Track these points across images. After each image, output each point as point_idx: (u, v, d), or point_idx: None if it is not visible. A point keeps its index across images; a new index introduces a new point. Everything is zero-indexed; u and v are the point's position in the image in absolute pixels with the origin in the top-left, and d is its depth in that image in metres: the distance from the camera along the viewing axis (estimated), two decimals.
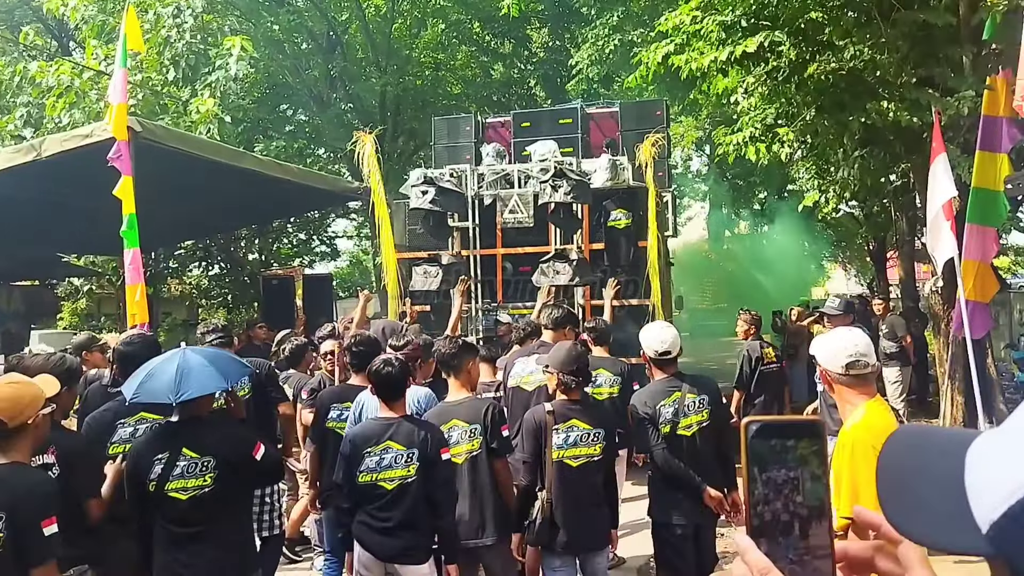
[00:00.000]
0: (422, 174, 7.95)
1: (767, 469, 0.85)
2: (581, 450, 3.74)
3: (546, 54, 19.70)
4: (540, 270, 7.51)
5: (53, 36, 18.31)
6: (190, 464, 3.13)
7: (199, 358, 3.33)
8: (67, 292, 18.87)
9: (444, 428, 3.71)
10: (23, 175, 7.42)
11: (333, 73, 16.99)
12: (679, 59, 7.39)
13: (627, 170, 8.35)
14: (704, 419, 3.91)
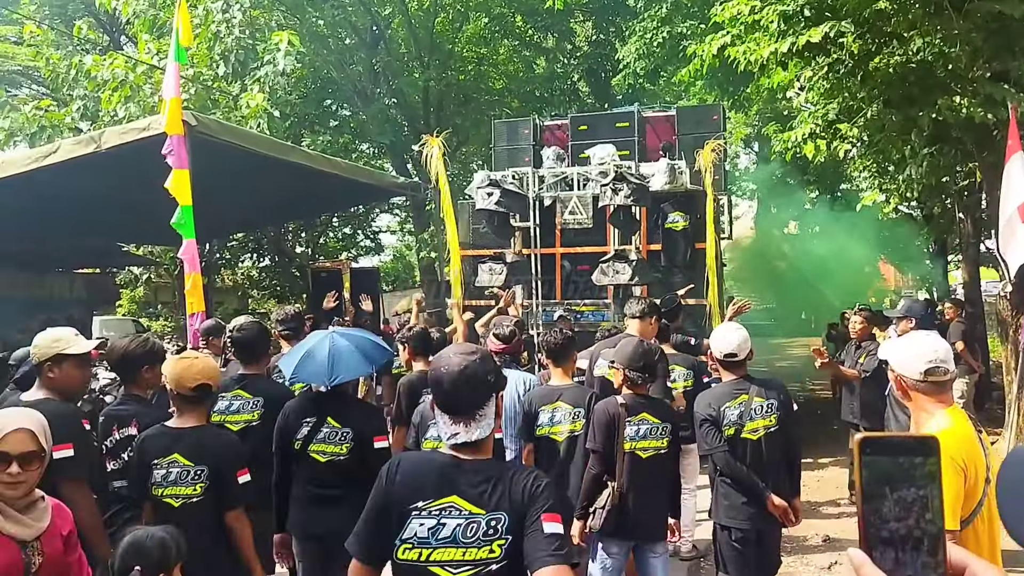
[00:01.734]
0: (486, 176, 8.40)
1: (897, 487, 0.86)
2: (651, 443, 3.83)
3: (590, 48, 19.51)
4: (600, 269, 7.84)
5: (105, 30, 18.65)
6: (331, 432, 3.58)
7: (348, 343, 3.70)
8: (126, 280, 19.36)
9: (549, 408, 4.06)
10: (85, 166, 7.55)
11: (377, 68, 17.05)
12: (736, 51, 7.15)
13: (685, 174, 8.48)
14: (771, 424, 3.87)
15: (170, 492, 3.18)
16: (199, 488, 3.16)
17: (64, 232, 11.98)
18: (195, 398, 3.25)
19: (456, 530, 2.02)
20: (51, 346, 3.40)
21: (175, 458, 3.18)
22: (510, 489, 2.04)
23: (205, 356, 3.46)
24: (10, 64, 19.34)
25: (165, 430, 3.29)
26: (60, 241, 12.80)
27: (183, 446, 3.19)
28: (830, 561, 5.66)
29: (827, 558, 5.71)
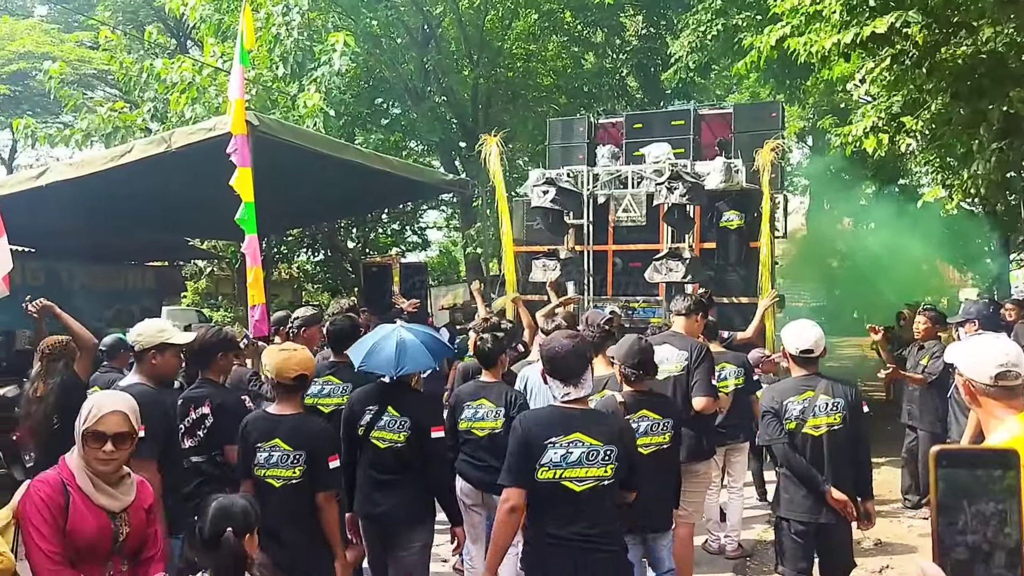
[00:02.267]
0: (542, 174, 8.56)
1: (975, 500, 0.84)
2: (652, 439, 3.89)
3: (640, 43, 19.33)
4: (653, 267, 7.97)
5: (172, 35, 19.39)
6: (391, 420, 3.82)
7: (414, 338, 3.95)
8: (191, 273, 20.17)
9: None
10: (156, 165, 7.88)
11: (427, 66, 17.26)
12: (795, 42, 7.00)
13: (741, 172, 8.44)
14: (836, 423, 3.91)
15: (271, 473, 3.44)
16: (297, 471, 3.42)
17: (136, 227, 12.51)
18: (293, 387, 3.51)
19: (581, 456, 3.00)
20: (156, 335, 3.76)
21: (276, 443, 3.44)
22: (615, 429, 3.14)
23: (303, 349, 3.68)
24: (86, 68, 20.24)
25: (267, 415, 3.58)
26: (133, 236, 13.40)
27: (284, 432, 3.45)
28: (881, 565, 5.61)
29: (878, 562, 5.66)
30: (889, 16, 6.14)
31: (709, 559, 5.78)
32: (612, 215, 9.32)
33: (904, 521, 6.69)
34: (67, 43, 20.64)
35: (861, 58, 7.39)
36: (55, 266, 12.94)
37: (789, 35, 7.14)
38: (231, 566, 2.45)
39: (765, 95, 20.59)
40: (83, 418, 2.63)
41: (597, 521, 3.02)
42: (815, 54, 6.84)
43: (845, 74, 8.42)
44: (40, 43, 19.89)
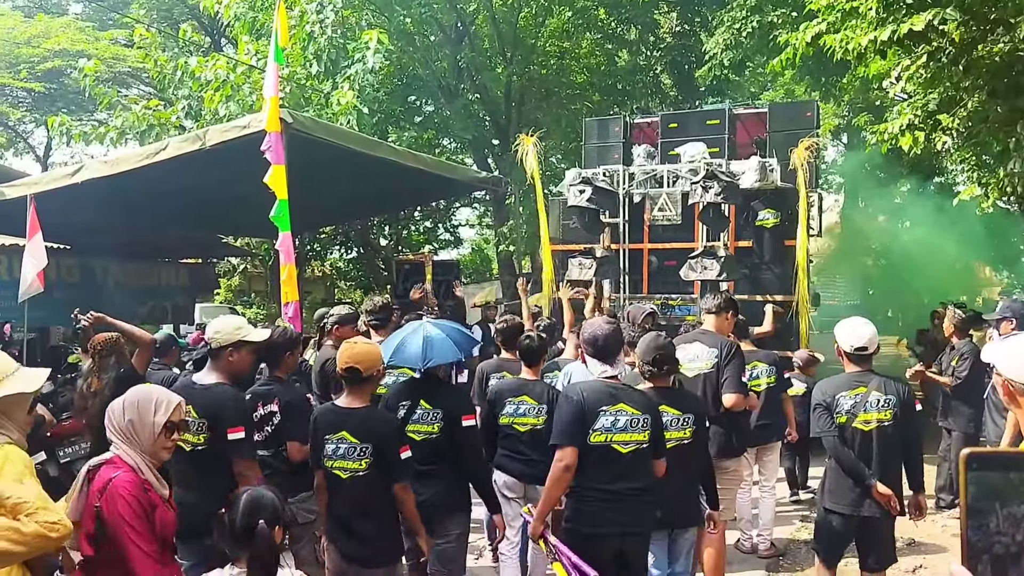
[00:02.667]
0: (578, 174, 8.71)
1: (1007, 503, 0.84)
2: (672, 434, 3.90)
3: (674, 40, 19.19)
4: (688, 265, 8.08)
5: (207, 33, 19.57)
6: (424, 413, 3.96)
7: (440, 332, 4.09)
8: (224, 270, 20.37)
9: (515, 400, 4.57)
10: (190, 162, 7.94)
11: (461, 64, 17.26)
12: (832, 39, 6.91)
13: (776, 171, 8.45)
14: (886, 419, 4.00)
15: (339, 465, 3.51)
16: (364, 464, 3.48)
17: (171, 224, 12.65)
18: (349, 379, 3.59)
19: (626, 423, 3.55)
20: (233, 333, 3.78)
21: (343, 435, 3.51)
22: (648, 401, 3.65)
23: (364, 343, 3.80)
24: (121, 66, 20.53)
25: (335, 408, 3.67)
26: (167, 233, 13.53)
27: (351, 425, 3.53)
28: (915, 564, 5.57)
29: (912, 561, 5.63)
30: (926, 13, 6.06)
31: (742, 558, 5.78)
32: (648, 214, 9.46)
33: (938, 521, 6.64)
34: (102, 41, 20.93)
35: (897, 55, 7.30)
36: (90, 263, 13.10)
37: (825, 32, 7.06)
38: (266, 556, 2.49)
39: (800, 92, 20.36)
40: (159, 410, 2.72)
41: (639, 478, 3.57)
42: (851, 51, 6.75)
43: (881, 71, 8.27)
44: (75, 41, 20.20)
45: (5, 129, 23.73)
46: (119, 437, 2.70)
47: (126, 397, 2.79)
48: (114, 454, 2.68)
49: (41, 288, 7.78)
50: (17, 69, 20.12)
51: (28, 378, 2.65)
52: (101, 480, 2.59)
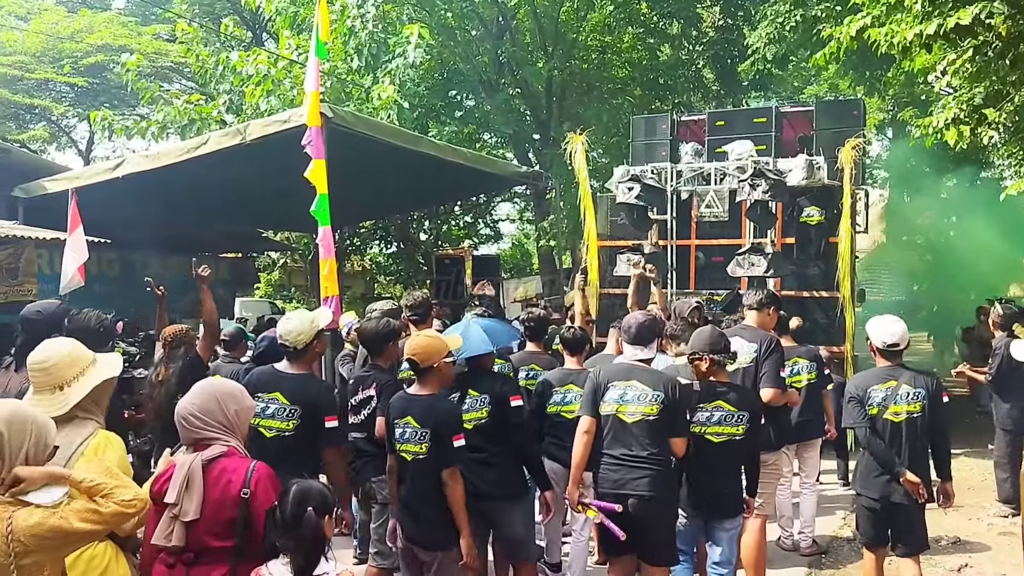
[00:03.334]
0: (626, 171, 8.89)
1: None
2: (724, 428, 4.10)
3: (717, 34, 18.90)
4: (736, 261, 8.30)
5: (248, 27, 19.66)
6: (473, 401, 4.14)
7: (477, 328, 4.31)
8: (264, 264, 20.49)
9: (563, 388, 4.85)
10: (231, 157, 7.96)
11: (502, 59, 17.18)
12: (876, 32, 6.78)
13: (822, 169, 8.53)
14: (916, 411, 4.24)
15: (405, 448, 3.75)
16: (424, 448, 3.69)
17: (211, 219, 12.72)
18: (415, 369, 3.83)
19: (633, 396, 3.97)
20: (312, 328, 4.00)
21: (408, 420, 3.74)
22: (664, 381, 3.99)
23: (426, 335, 4.03)
24: (163, 60, 20.73)
25: (405, 395, 3.89)
26: (207, 227, 13.61)
27: (415, 410, 3.75)
28: (960, 563, 5.54)
29: (957, 560, 5.60)
30: (973, 7, 5.93)
31: (783, 555, 5.77)
32: (695, 211, 9.59)
33: (984, 519, 6.62)
34: (144, 36, 21.11)
35: (943, 49, 7.20)
36: (130, 257, 13.17)
37: (869, 25, 6.92)
38: (311, 543, 2.51)
39: (844, 87, 19.95)
40: (248, 398, 2.94)
41: (643, 446, 3.91)
42: (896, 45, 6.64)
43: (926, 65, 8.18)
44: (118, 36, 20.41)
45: (48, 124, 24.11)
46: (222, 430, 2.76)
47: (216, 390, 2.85)
48: (227, 446, 2.74)
49: (82, 282, 7.80)
50: (61, 64, 20.39)
51: (110, 364, 2.89)
52: (231, 471, 2.67)
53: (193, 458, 2.68)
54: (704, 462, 4.10)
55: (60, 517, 2.21)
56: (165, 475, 2.72)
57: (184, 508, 2.59)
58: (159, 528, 2.62)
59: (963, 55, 6.78)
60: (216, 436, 2.74)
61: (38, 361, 2.78)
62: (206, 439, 2.73)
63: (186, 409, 2.77)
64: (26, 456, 2.28)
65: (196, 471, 2.64)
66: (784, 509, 5.88)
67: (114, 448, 2.74)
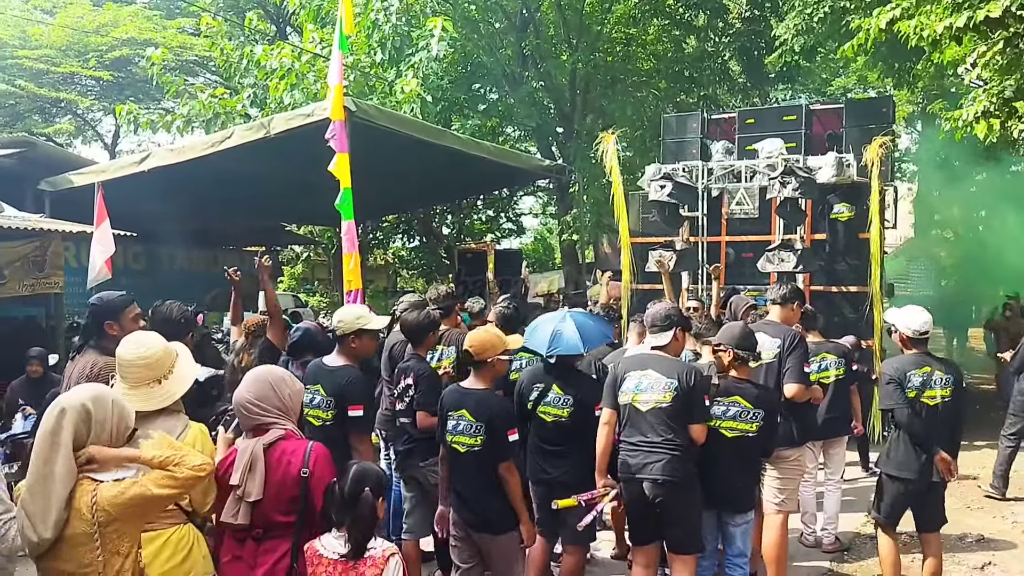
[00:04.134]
0: (659, 169, 9.09)
1: None
2: (738, 424, 4.20)
3: (743, 25, 18.66)
4: (766, 257, 8.46)
5: (272, 21, 19.70)
6: (556, 397, 4.33)
7: (572, 326, 4.39)
8: (287, 258, 20.59)
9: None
10: (255, 151, 7.97)
11: (525, 51, 17.05)
12: (906, 25, 6.72)
13: (852, 167, 8.62)
14: (947, 395, 4.49)
15: (457, 440, 3.89)
16: (479, 440, 3.83)
17: (235, 213, 12.77)
18: (466, 362, 4.01)
19: (647, 385, 4.08)
20: (355, 322, 4.17)
21: (463, 413, 3.89)
22: (679, 369, 4.09)
23: (486, 330, 4.16)
24: (188, 54, 20.81)
25: (459, 388, 4.03)
26: (231, 221, 13.67)
27: (469, 403, 3.89)
28: (983, 561, 5.54)
29: (980, 558, 5.61)
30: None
31: (805, 552, 5.78)
32: (725, 208, 9.74)
33: (1008, 517, 6.62)
34: (169, 30, 21.21)
35: (973, 41, 7.14)
36: (156, 250, 13.29)
37: (899, 18, 6.86)
38: (367, 520, 2.78)
39: (873, 79, 19.64)
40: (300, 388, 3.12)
41: (658, 433, 4.00)
42: (926, 38, 6.60)
43: (956, 57, 8.14)
44: (143, 30, 20.49)
45: (74, 117, 24.33)
46: (278, 414, 2.96)
47: (268, 376, 3.03)
48: (285, 430, 2.94)
49: (109, 275, 7.85)
50: (86, 58, 20.55)
51: (189, 356, 3.09)
52: (290, 453, 2.89)
53: (254, 442, 2.88)
54: (716, 456, 4.17)
55: (140, 485, 2.42)
56: (228, 459, 2.92)
57: (247, 489, 2.81)
58: (226, 508, 2.85)
59: (994, 47, 6.70)
60: (274, 420, 2.95)
61: (140, 356, 2.87)
62: (264, 424, 2.94)
63: (243, 398, 2.96)
64: (110, 435, 2.46)
65: (258, 455, 2.85)
66: (807, 506, 5.88)
67: (206, 440, 2.95)
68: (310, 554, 2.82)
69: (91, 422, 2.39)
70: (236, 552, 2.89)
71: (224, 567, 2.90)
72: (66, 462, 2.35)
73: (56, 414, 2.38)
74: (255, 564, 2.84)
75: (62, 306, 9.30)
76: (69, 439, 2.36)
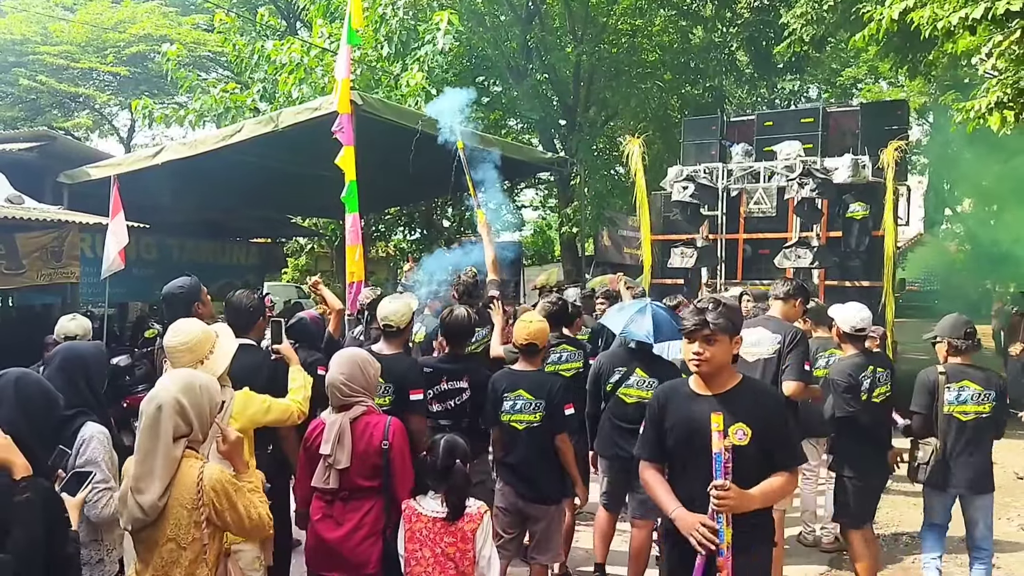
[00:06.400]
0: (680, 171, 9.70)
1: None
2: (973, 407, 4.35)
3: (752, 15, 18.53)
4: (783, 254, 8.87)
5: (283, 16, 19.89)
6: (640, 380, 4.59)
7: (649, 319, 4.63)
8: (292, 250, 20.78)
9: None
10: (264, 144, 8.15)
11: (530, 44, 17.12)
12: (919, 15, 6.61)
13: (867, 167, 8.97)
14: (888, 391, 4.64)
15: (516, 418, 4.19)
16: (538, 416, 4.16)
17: (244, 204, 12.96)
18: (527, 351, 4.29)
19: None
20: (408, 313, 4.37)
21: (520, 393, 4.19)
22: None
23: (540, 320, 4.41)
24: (202, 50, 21.09)
25: (512, 372, 4.34)
26: (240, 213, 13.87)
27: (527, 384, 4.21)
28: None
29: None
30: None
31: (804, 551, 5.72)
32: (744, 207, 10.22)
33: (1013, 520, 6.50)
34: (184, 26, 21.56)
35: (988, 31, 6.95)
36: (166, 241, 13.47)
37: (912, 7, 6.73)
38: (462, 487, 3.24)
39: (884, 69, 19.52)
40: (379, 367, 3.56)
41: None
42: (940, 28, 6.45)
43: (970, 47, 8.08)
44: (159, 26, 20.82)
45: (92, 112, 24.70)
46: (364, 394, 3.37)
47: (357, 358, 3.42)
48: (367, 406, 3.36)
49: (122, 266, 8.07)
50: (104, 54, 20.87)
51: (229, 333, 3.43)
52: (372, 427, 3.30)
53: (341, 417, 3.30)
54: (956, 441, 4.34)
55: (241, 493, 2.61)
56: (316, 431, 3.37)
57: (337, 458, 3.25)
58: (317, 474, 3.32)
59: (1010, 37, 6.55)
60: (360, 399, 3.35)
61: (182, 342, 3.17)
62: (351, 402, 3.34)
63: (337, 379, 3.34)
64: (208, 415, 2.65)
65: (346, 428, 3.28)
66: (808, 504, 5.85)
67: (253, 401, 3.40)
68: (408, 512, 3.26)
69: (186, 412, 2.53)
70: (326, 511, 3.34)
71: (315, 524, 3.35)
72: (167, 451, 2.48)
73: (153, 411, 2.50)
74: (343, 521, 3.29)
75: (78, 295, 9.53)
76: (169, 433, 2.49)
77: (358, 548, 3.26)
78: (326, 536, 3.31)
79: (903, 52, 13.70)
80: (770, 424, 2.84)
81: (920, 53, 13.51)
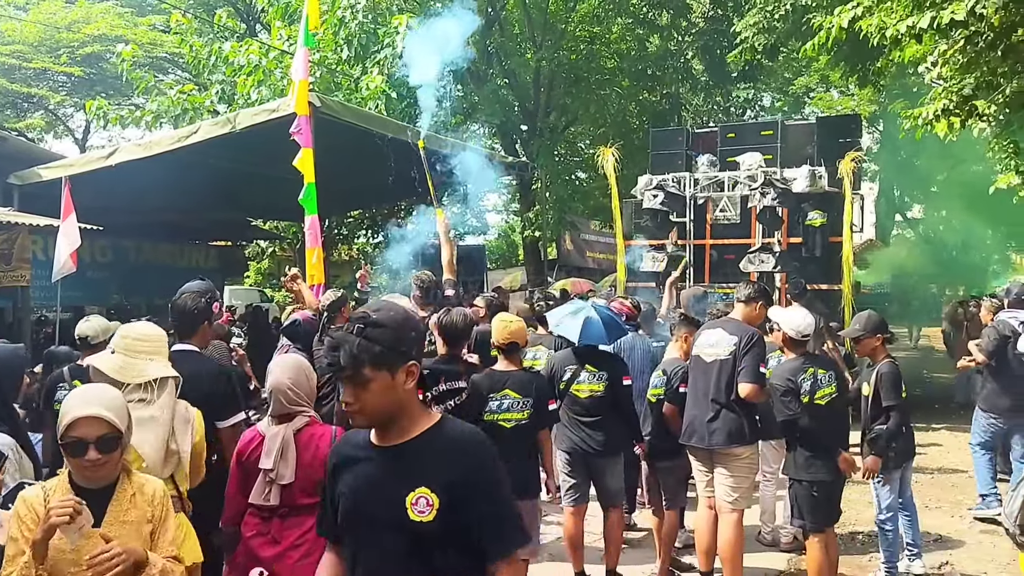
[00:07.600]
0: (651, 180, 10.22)
1: None
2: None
3: (706, 24, 18.99)
4: (747, 258, 9.37)
5: (242, 18, 19.72)
6: (590, 375, 4.84)
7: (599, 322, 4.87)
8: (253, 253, 20.56)
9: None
10: (221, 146, 8.09)
11: (490, 49, 17.25)
12: (868, 23, 6.74)
13: (823, 178, 9.53)
14: (833, 392, 4.62)
15: (503, 417, 4.22)
16: (526, 414, 4.25)
17: (201, 207, 12.80)
18: (507, 350, 4.36)
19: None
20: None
21: (507, 392, 4.24)
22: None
23: (517, 320, 4.53)
24: (158, 51, 20.85)
25: (494, 372, 4.39)
26: (198, 215, 13.70)
27: (512, 384, 4.26)
28: (940, 561, 5.50)
29: (937, 558, 5.55)
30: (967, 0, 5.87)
31: (763, 550, 5.73)
32: (710, 214, 10.76)
33: (966, 516, 6.54)
34: (140, 26, 21.28)
35: (934, 40, 7.13)
36: (122, 243, 13.25)
37: (860, 16, 6.85)
38: None
39: (836, 78, 19.96)
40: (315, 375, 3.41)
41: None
42: (888, 36, 6.56)
43: (916, 56, 8.19)
44: (114, 26, 20.52)
45: (46, 112, 24.22)
46: (306, 402, 3.16)
47: (301, 364, 3.26)
48: (310, 416, 3.14)
49: (74, 268, 7.97)
50: (58, 54, 20.48)
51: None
52: (318, 438, 3.08)
53: (283, 429, 3.06)
54: None
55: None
56: (253, 444, 3.11)
57: (281, 473, 3.00)
58: (256, 490, 3.06)
59: (954, 46, 6.73)
60: (303, 408, 3.14)
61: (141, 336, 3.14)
62: (295, 411, 3.11)
63: (283, 384, 3.11)
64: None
65: (289, 440, 3.04)
66: (766, 504, 5.86)
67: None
68: None
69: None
70: (261, 529, 3.10)
71: (248, 541, 3.10)
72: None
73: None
74: (280, 539, 3.05)
75: (28, 299, 9.34)
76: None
77: (295, 567, 2.99)
78: (261, 554, 3.06)
79: (853, 61, 13.98)
80: (472, 488, 1.90)
81: (869, 62, 13.85)
